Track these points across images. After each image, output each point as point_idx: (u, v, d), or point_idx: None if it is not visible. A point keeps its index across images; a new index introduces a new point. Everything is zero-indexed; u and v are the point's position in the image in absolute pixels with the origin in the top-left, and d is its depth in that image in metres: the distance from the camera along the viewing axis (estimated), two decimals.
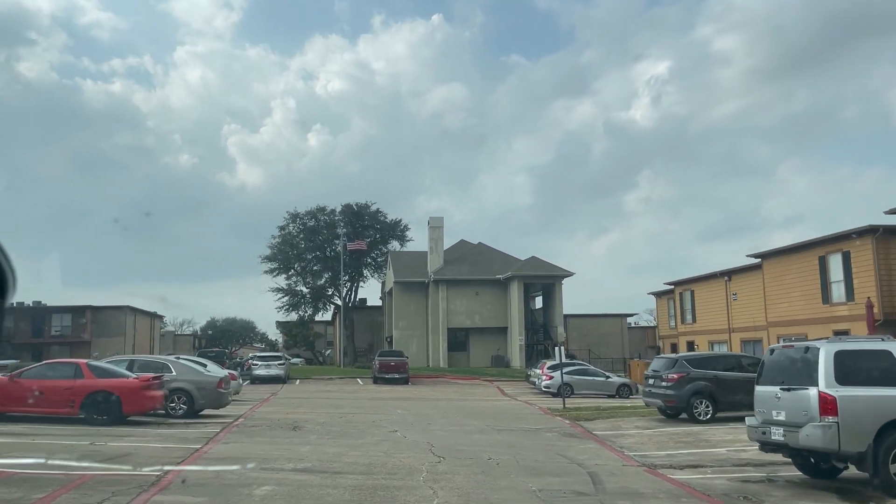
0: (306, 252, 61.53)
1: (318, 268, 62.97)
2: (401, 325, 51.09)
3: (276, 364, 39.23)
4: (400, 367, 39.19)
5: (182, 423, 16.67)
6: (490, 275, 50.13)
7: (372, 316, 67.64)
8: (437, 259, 51.08)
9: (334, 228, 59.61)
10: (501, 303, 50.04)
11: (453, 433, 16.20)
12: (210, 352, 40.52)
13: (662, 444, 14.47)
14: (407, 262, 54.03)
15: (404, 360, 39.91)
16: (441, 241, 51.56)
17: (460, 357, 50.33)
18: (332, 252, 61.73)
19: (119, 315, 63.93)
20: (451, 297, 49.78)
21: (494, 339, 50.22)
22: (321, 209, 60.72)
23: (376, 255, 63.60)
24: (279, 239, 60.35)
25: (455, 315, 49.72)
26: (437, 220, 52.02)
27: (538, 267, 48.97)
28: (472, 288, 49.87)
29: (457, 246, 55.56)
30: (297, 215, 60.39)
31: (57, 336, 61.91)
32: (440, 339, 49.41)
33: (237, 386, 26.50)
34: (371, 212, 60.79)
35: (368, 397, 30.69)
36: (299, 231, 60.69)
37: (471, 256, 52.77)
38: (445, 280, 49.74)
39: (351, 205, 60.46)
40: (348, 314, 61.40)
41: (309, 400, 27.93)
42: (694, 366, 17.59)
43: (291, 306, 62.56)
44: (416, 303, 51.33)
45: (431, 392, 34.66)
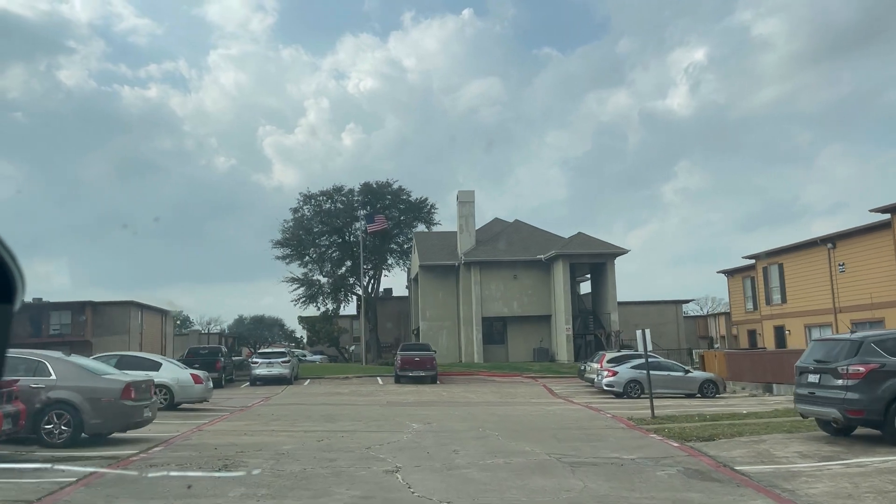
0: (322, 237, 55.31)
1: (338, 255, 56.75)
2: (428, 315, 44.53)
3: (280, 362, 32.98)
4: (426, 363, 32.65)
5: (36, 460, 10.20)
6: (530, 255, 43.30)
7: (398, 307, 61.25)
8: (469, 238, 44.39)
9: (353, 210, 53.19)
10: (543, 287, 43.20)
11: (495, 474, 9.47)
12: (203, 349, 34.45)
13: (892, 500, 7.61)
14: (434, 243, 47.42)
15: (431, 354, 33.35)
16: (472, 219, 44.83)
17: (497, 351, 43.62)
18: (351, 237, 55.47)
19: (123, 312, 58.46)
20: (486, 282, 43.07)
21: (536, 329, 43.42)
22: (337, 189, 54.42)
23: (402, 241, 57.16)
24: (292, 223, 54.20)
25: (490, 302, 43.00)
26: (466, 193, 45.30)
27: (586, 244, 41.97)
28: (510, 270, 43.09)
29: (490, 225, 48.81)
30: (311, 196, 54.17)
31: (56, 335, 56.60)
32: (473, 331, 42.75)
33: (201, 391, 20.14)
34: (393, 190, 54.26)
35: (383, 401, 24.18)
36: (314, 213, 54.43)
37: (507, 235, 45.97)
38: (478, 262, 43.05)
39: (370, 183, 54.03)
40: (371, 306, 55.08)
41: (302, 408, 21.48)
42: (893, 352, 10.64)
43: (308, 298, 56.38)
44: (445, 289, 44.73)
45: (464, 393, 28.03)
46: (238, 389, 31.48)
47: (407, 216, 55.38)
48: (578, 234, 42.90)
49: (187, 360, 30.65)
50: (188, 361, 30.29)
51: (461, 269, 43.77)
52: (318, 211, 54.32)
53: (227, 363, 33.26)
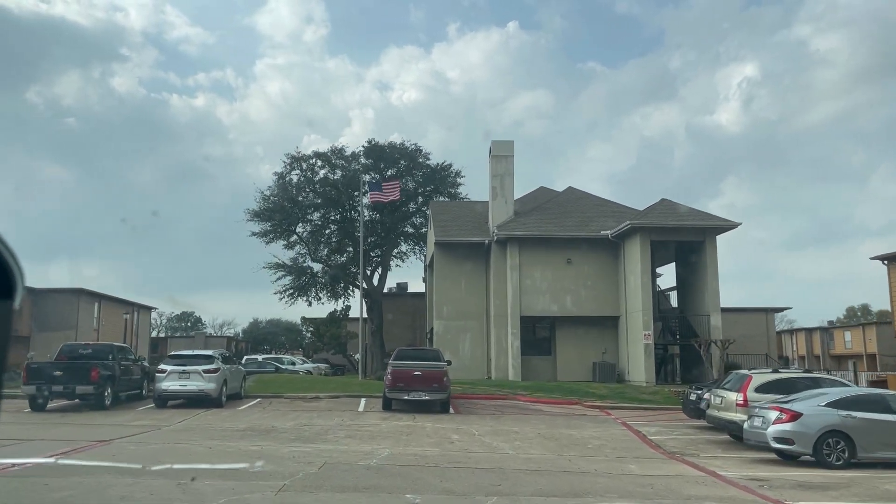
0: (315, 211, 43.17)
1: (337, 237, 44.57)
2: (445, 311, 31.99)
3: (201, 371, 20.77)
4: (432, 380, 20.23)
5: None
6: (591, 230, 30.61)
7: (414, 306, 48.83)
8: (504, 206, 31.85)
9: (356, 179, 41.01)
10: (609, 276, 30.47)
11: None
12: (84, 348, 22.09)
13: None
14: (456, 214, 34.95)
15: (440, 366, 20.86)
16: (510, 179, 32.24)
17: (541, 364, 30.93)
18: (353, 212, 43.30)
19: (69, 302, 47.05)
20: (527, 267, 30.47)
21: (597, 335, 30.66)
22: (337, 151, 42.25)
23: (419, 222, 44.76)
24: (276, 189, 42.09)
25: (532, 295, 30.38)
26: (503, 144, 32.69)
27: (674, 214, 29.11)
28: (561, 252, 30.43)
29: (534, 195, 36.21)
30: (302, 158, 42.04)
31: None
32: (508, 335, 30.15)
33: None
34: (407, 151, 41.87)
35: (338, 458, 11.73)
36: (305, 180, 42.27)
37: (556, 206, 33.31)
38: (517, 238, 30.47)
39: (377, 143, 41.76)
40: (376, 302, 42.79)
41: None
42: None
43: (297, 291, 44.23)
44: (469, 276, 32.19)
45: (492, 437, 15.51)
46: (125, 413, 19.38)
47: (426, 188, 43.01)
48: (663, 202, 30.00)
49: (33, 371, 18.82)
50: (35, 372, 18.47)
51: (493, 249, 31.20)
52: (310, 178, 42.20)
53: (118, 372, 21.06)
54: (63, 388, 19.14)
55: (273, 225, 41.52)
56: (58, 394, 19.35)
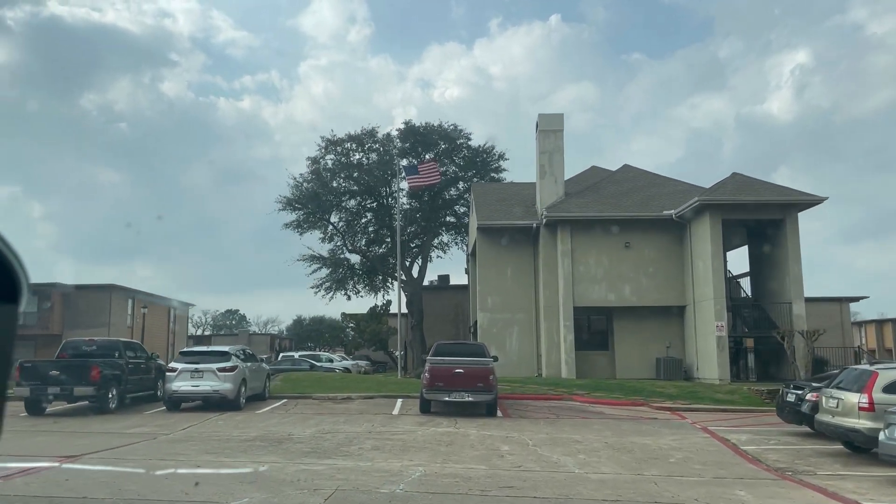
0: (351, 199, 40.75)
1: (374, 226, 42.10)
2: (490, 303, 29.17)
3: (216, 370, 18.41)
4: (476, 379, 17.50)
5: None
6: (652, 210, 27.46)
7: (456, 299, 46.16)
8: (554, 186, 28.88)
9: (393, 164, 38.43)
10: (673, 261, 27.28)
11: None
12: (88, 345, 19.86)
13: None
14: (500, 196, 32.08)
15: (486, 364, 18.09)
16: (560, 156, 29.23)
17: (597, 360, 27.91)
18: (390, 199, 40.78)
19: (101, 299, 45.64)
20: (580, 253, 27.48)
21: (660, 327, 27.51)
22: (370, 133, 39.70)
23: (460, 211, 41.98)
24: (309, 176, 39.76)
25: (586, 284, 27.38)
26: (551, 118, 29.67)
27: (748, 189, 25.73)
28: (618, 235, 27.33)
29: (585, 175, 33.11)
30: (336, 142, 39.60)
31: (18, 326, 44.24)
32: (560, 328, 27.21)
33: None
34: (446, 132, 39.11)
35: (343, 487, 9.07)
36: (340, 166, 39.84)
37: (611, 185, 30.18)
38: (568, 220, 27.49)
39: (414, 125, 39.07)
40: (416, 295, 40.24)
41: None
42: None
43: (335, 284, 41.90)
44: (515, 265, 29.32)
45: (550, 450, 12.64)
46: (128, 417, 17.11)
47: (467, 172, 40.18)
48: (734, 176, 26.62)
49: (27, 370, 16.70)
50: (29, 371, 16.35)
51: (542, 234, 28.27)
52: (345, 163, 39.76)
53: (125, 371, 18.82)
54: (60, 389, 16.99)
55: (306, 213, 39.21)
56: (55, 395, 17.21)
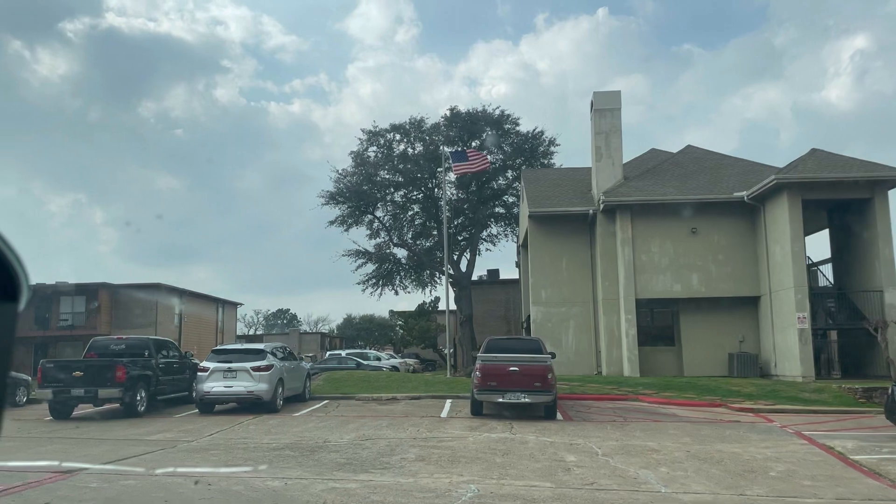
0: (396, 191, 39.22)
1: (420, 219, 40.52)
2: (544, 296, 27.22)
3: (249, 370, 17.01)
4: (532, 378, 15.67)
5: None
6: (721, 192, 25.14)
7: (506, 295, 44.39)
8: (612, 169, 26.78)
9: (439, 153, 36.72)
10: (745, 246, 24.93)
11: None
12: (116, 343, 18.63)
13: None
14: (552, 181, 30.09)
15: (542, 361, 16.22)
16: (618, 138, 27.10)
17: (662, 356, 25.75)
18: (436, 189, 39.15)
19: (148, 298, 45.23)
20: (641, 240, 25.35)
21: (731, 319, 25.19)
22: (416, 123, 38.09)
23: (510, 201, 40.08)
24: (352, 170, 38.41)
25: (649, 274, 25.24)
26: (607, 95, 27.52)
27: (831, 165, 23.19)
28: (684, 220, 25.10)
29: (643, 158, 30.85)
30: (380, 133, 38.14)
31: (66, 327, 44.24)
32: (621, 322, 25.13)
33: None
34: (493, 118, 37.23)
35: None
36: (384, 157, 38.35)
37: (673, 167, 27.91)
38: (628, 205, 25.37)
39: (460, 111, 37.30)
40: (464, 290, 38.50)
41: None
42: None
43: (381, 279, 40.47)
44: (571, 254, 27.31)
45: (626, 464, 10.64)
46: (155, 421, 15.82)
47: (515, 160, 38.23)
48: (813, 152, 24.10)
49: (49, 371, 15.53)
50: (51, 373, 15.17)
51: (599, 221, 26.21)
52: (389, 154, 38.26)
53: (155, 371, 17.57)
54: (84, 391, 15.80)
55: (350, 208, 37.86)
56: (79, 398, 16.04)
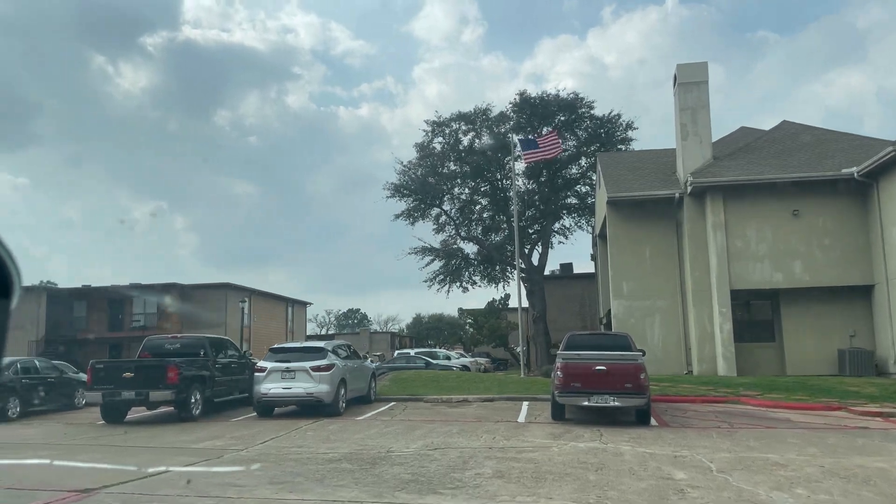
0: (462, 183, 37.61)
1: (489, 212, 38.82)
2: (625, 289, 25.07)
3: (311, 369, 15.67)
4: (621, 379, 13.75)
5: None
6: (824, 170, 22.47)
7: (581, 289, 42.19)
8: (699, 148, 24.40)
9: (508, 143, 34.84)
10: (854, 229, 22.19)
11: None
12: (170, 343, 17.51)
13: None
14: (631, 165, 27.87)
15: (632, 359, 14.25)
16: (706, 114, 24.65)
17: (761, 353, 23.24)
18: (505, 181, 37.36)
19: (217, 298, 45.11)
20: (735, 225, 22.93)
21: (839, 311, 22.48)
22: (482, 112, 36.38)
23: (583, 191, 37.92)
24: (416, 162, 37.02)
25: (745, 262, 22.80)
26: (693, 68, 25.07)
27: None
28: (782, 201, 22.56)
29: (733, 137, 28.27)
30: (444, 123, 36.62)
31: (138, 327, 44.51)
32: (715, 316, 22.79)
33: None
34: (566, 102, 35.13)
35: None
36: (450, 148, 36.79)
37: (769, 144, 25.30)
38: (720, 187, 22.99)
39: (529, 96, 35.35)
40: (537, 285, 36.57)
41: None
42: None
43: (449, 276, 38.96)
44: (655, 243, 25.06)
45: (750, 483, 8.53)
46: (209, 426, 14.64)
47: (589, 147, 36.03)
48: None
49: (99, 372, 14.59)
50: (102, 374, 14.22)
51: (686, 205, 23.90)
52: (455, 145, 36.68)
53: (211, 372, 16.46)
54: (135, 393, 14.77)
55: (416, 201, 36.50)
56: (130, 401, 15.04)
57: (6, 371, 16.98)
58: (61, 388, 18.74)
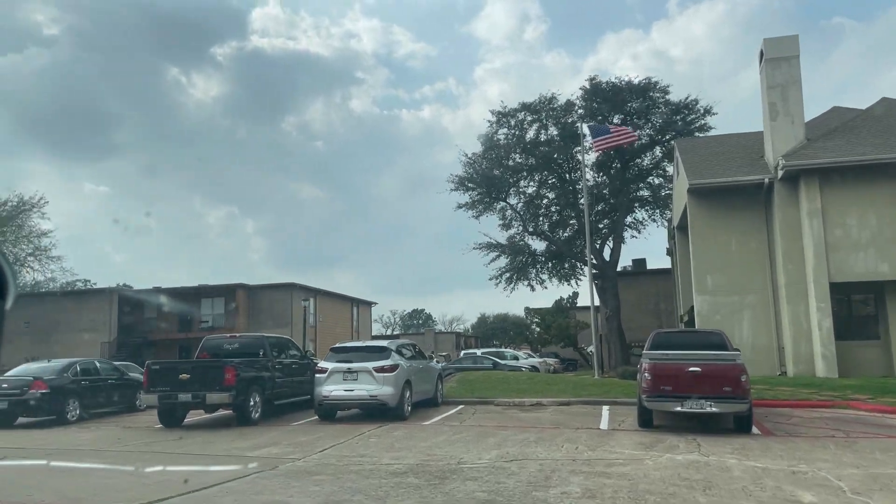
0: (528, 176, 36.19)
1: (557, 206, 37.27)
2: (709, 283, 23.21)
3: (374, 370, 14.67)
4: (719, 382, 12.18)
5: None
6: None
7: (656, 285, 40.14)
8: (790, 129, 22.34)
9: (576, 133, 33.19)
10: None
11: None
12: (229, 343, 16.84)
13: None
14: (713, 150, 25.91)
15: (730, 359, 12.69)
16: (797, 91, 22.53)
17: (863, 352, 21.06)
18: (574, 173, 35.77)
19: (282, 298, 44.96)
20: (834, 212, 20.83)
21: None
22: (547, 101, 34.84)
23: (657, 182, 35.95)
24: (481, 154, 35.80)
25: (845, 252, 20.67)
26: (782, 42, 22.97)
27: None
28: (888, 184, 20.36)
29: (825, 118, 25.95)
30: (509, 113, 35.27)
31: (207, 328, 44.75)
32: (812, 312, 20.77)
33: None
34: (638, 88, 33.26)
35: None
36: (515, 140, 35.41)
37: (868, 123, 23.00)
38: (816, 170, 20.92)
39: (599, 82, 33.60)
40: (610, 282, 34.82)
41: None
42: None
43: (515, 273, 37.59)
44: (741, 233, 23.11)
45: None
46: (268, 431, 13.77)
47: (663, 136, 34.04)
48: None
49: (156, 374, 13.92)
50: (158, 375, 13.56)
51: (777, 191, 21.90)
52: (520, 137, 35.28)
53: (271, 373, 15.66)
54: (191, 395, 14.04)
55: (480, 194, 35.30)
56: (186, 404, 14.33)
57: (65, 373, 16.61)
58: (122, 390, 18.31)
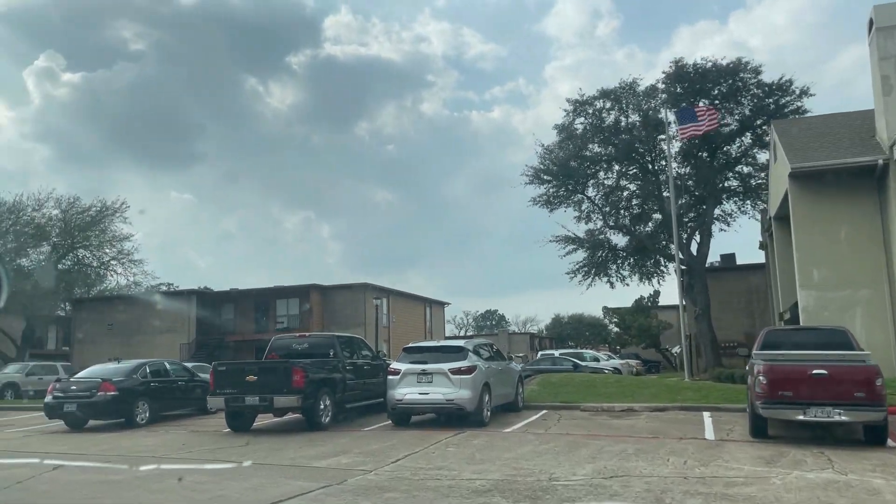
0: (607, 167, 34.44)
1: (638, 198, 35.36)
2: (815, 276, 21.03)
3: (450, 371, 13.58)
4: (849, 388, 10.50)
5: None
6: None
7: (747, 282, 37.69)
8: None
9: (659, 120, 31.23)
10: None
11: None
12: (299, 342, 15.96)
13: None
14: (816, 131, 23.62)
15: (860, 360, 10.96)
16: None
17: None
18: (657, 165, 33.81)
19: (355, 298, 44.57)
20: None
21: None
22: (628, 87, 32.97)
23: (747, 171, 33.56)
24: (557, 145, 34.28)
25: None
26: (889, 9, 20.72)
27: None
28: None
29: None
30: (587, 101, 33.58)
31: (282, 329, 44.79)
32: None
33: None
34: (726, 69, 31.00)
35: None
36: (594, 129, 33.72)
37: None
38: None
39: (685, 65, 31.50)
40: (698, 278, 32.71)
41: None
42: None
43: (593, 268, 35.90)
44: (851, 222, 20.84)
45: None
46: (339, 436, 12.87)
47: (754, 121, 31.66)
48: None
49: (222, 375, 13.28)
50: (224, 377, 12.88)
51: (892, 174, 19.61)
52: (598, 126, 33.56)
53: (343, 375, 14.77)
54: (259, 399, 13.28)
55: (556, 186, 33.80)
56: (254, 407, 13.57)
57: (135, 375, 16.21)
58: (192, 392, 17.84)
